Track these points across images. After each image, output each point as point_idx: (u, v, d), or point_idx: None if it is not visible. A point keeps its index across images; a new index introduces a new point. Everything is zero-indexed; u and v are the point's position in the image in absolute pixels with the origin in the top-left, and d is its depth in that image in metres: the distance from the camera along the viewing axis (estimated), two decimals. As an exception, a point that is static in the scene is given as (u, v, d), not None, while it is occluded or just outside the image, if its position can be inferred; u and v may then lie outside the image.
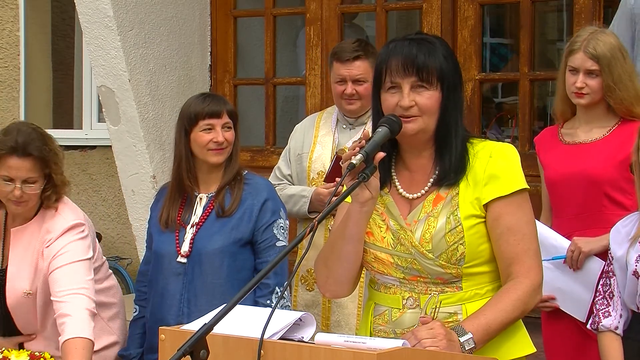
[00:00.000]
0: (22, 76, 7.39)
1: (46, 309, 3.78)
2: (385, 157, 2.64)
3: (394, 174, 2.83)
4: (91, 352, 3.54)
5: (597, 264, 3.90)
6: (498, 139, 6.38)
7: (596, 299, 3.59)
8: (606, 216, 3.93)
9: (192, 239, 3.88)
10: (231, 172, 3.93)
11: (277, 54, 6.27)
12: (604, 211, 3.95)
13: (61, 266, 3.67)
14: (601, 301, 3.54)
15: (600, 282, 3.61)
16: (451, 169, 2.74)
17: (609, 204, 3.95)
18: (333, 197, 2.62)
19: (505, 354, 2.73)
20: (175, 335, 2.44)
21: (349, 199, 2.68)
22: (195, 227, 3.89)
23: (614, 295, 3.51)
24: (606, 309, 3.51)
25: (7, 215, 3.86)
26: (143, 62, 5.84)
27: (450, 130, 2.74)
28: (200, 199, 3.94)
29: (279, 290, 3.83)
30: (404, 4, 6.14)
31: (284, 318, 2.44)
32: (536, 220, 2.86)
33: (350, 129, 4.49)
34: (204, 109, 3.89)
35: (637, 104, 3.95)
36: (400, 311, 2.76)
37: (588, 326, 3.61)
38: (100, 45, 5.77)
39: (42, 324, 3.83)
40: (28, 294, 3.75)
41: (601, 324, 3.49)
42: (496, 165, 2.73)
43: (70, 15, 7.72)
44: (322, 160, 4.49)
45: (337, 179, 4.14)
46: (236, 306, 2.26)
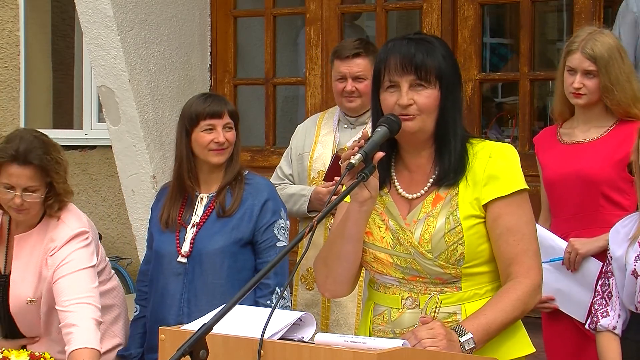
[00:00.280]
0: (22, 76, 7.39)
1: (50, 315, 3.78)
2: (385, 157, 2.64)
3: (393, 174, 2.83)
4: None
5: (594, 265, 3.91)
6: (498, 139, 6.40)
7: (594, 299, 3.59)
8: (603, 216, 3.94)
9: (193, 239, 3.88)
10: (232, 172, 3.93)
11: (277, 54, 6.27)
12: (601, 211, 3.95)
13: (65, 275, 3.66)
14: (599, 301, 3.54)
15: (599, 283, 3.61)
16: (450, 169, 2.74)
17: (606, 203, 3.95)
18: (332, 197, 2.61)
19: (504, 354, 2.73)
20: (175, 335, 2.44)
21: (348, 198, 2.68)
22: (195, 227, 3.90)
23: (612, 295, 3.50)
24: (604, 309, 3.50)
25: (10, 222, 3.85)
26: (143, 62, 5.84)
27: (448, 129, 2.74)
28: (201, 199, 3.94)
29: (279, 290, 3.83)
30: (404, 4, 6.14)
31: (284, 318, 2.44)
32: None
33: (351, 129, 4.50)
34: (205, 109, 3.89)
35: (634, 105, 3.95)
36: (400, 311, 2.76)
37: (586, 326, 3.61)
38: (100, 45, 5.77)
39: (45, 328, 3.83)
40: (31, 301, 3.75)
41: (599, 323, 3.49)
42: (496, 166, 2.73)
43: (70, 15, 7.72)
44: (323, 159, 4.49)
45: (336, 178, 4.15)
46: (236, 306, 2.26)
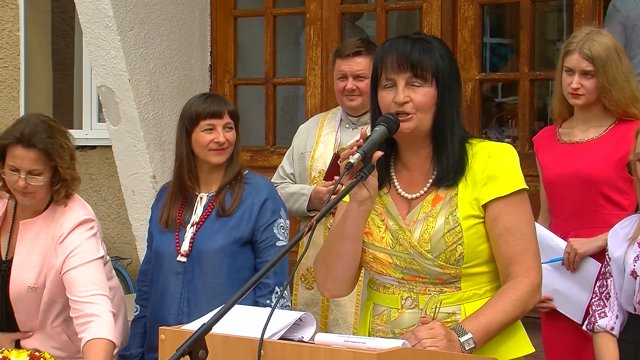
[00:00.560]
0: (22, 76, 7.39)
1: (50, 307, 3.78)
2: (384, 157, 2.64)
3: (393, 174, 2.83)
4: (112, 354, 3.59)
5: (593, 265, 3.91)
6: (498, 139, 6.40)
7: (592, 300, 3.59)
8: (603, 216, 3.94)
9: (192, 238, 3.88)
10: (232, 172, 3.93)
11: (277, 54, 6.27)
12: (600, 211, 3.96)
13: (79, 265, 3.68)
14: (597, 302, 3.54)
15: (597, 284, 3.61)
16: (450, 169, 2.74)
17: (605, 203, 3.95)
18: (332, 196, 2.61)
19: (504, 354, 2.73)
20: (175, 335, 2.44)
21: (347, 198, 2.68)
22: (195, 226, 3.90)
23: (610, 296, 3.50)
24: (602, 309, 3.50)
25: (16, 207, 3.87)
26: (143, 62, 5.84)
27: (446, 128, 2.74)
28: (201, 198, 3.94)
29: (278, 290, 3.83)
30: (404, 4, 6.14)
31: (284, 318, 2.44)
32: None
33: (353, 129, 4.50)
34: (205, 109, 3.90)
35: (633, 105, 3.95)
36: (399, 311, 2.76)
37: (584, 327, 3.61)
38: (100, 45, 5.77)
39: (42, 321, 3.82)
40: (32, 288, 3.75)
41: (597, 324, 3.49)
42: (495, 166, 2.73)
43: (70, 15, 7.72)
44: (324, 159, 4.50)
45: (335, 177, 4.15)
46: (236, 306, 2.26)
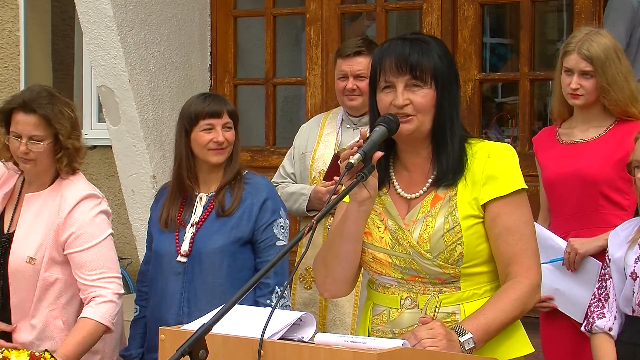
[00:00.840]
0: (22, 76, 7.39)
1: (48, 285, 3.78)
2: (383, 157, 2.64)
3: (392, 174, 2.83)
4: (98, 335, 3.70)
5: (594, 265, 3.91)
6: (498, 139, 6.41)
7: (591, 301, 3.59)
8: (603, 216, 3.94)
9: (192, 238, 3.88)
10: (231, 171, 3.93)
11: (277, 54, 6.27)
12: (600, 211, 3.96)
13: (87, 248, 3.76)
14: (596, 303, 3.54)
15: (597, 285, 3.61)
16: (449, 169, 2.74)
17: (605, 203, 3.95)
18: (332, 196, 2.61)
19: (503, 353, 2.73)
20: (175, 335, 2.44)
21: (347, 198, 2.68)
22: (195, 226, 3.90)
23: (609, 298, 3.51)
24: (601, 310, 3.51)
25: (24, 183, 3.93)
26: (143, 62, 5.84)
27: (445, 129, 2.74)
28: (201, 198, 3.94)
29: (279, 290, 3.83)
30: (404, 4, 6.14)
31: (284, 318, 2.44)
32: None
33: (354, 129, 4.50)
34: (204, 109, 3.90)
35: (632, 105, 3.95)
36: (399, 311, 2.76)
37: (582, 328, 3.61)
38: (100, 45, 5.77)
39: (36, 306, 3.81)
40: (31, 260, 3.77)
41: (595, 324, 3.49)
42: (494, 166, 2.73)
43: (70, 15, 7.72)
44: (325, 159, 4.50)
45: (335, 177, 4.15)
46: (236, 306, 2.26)
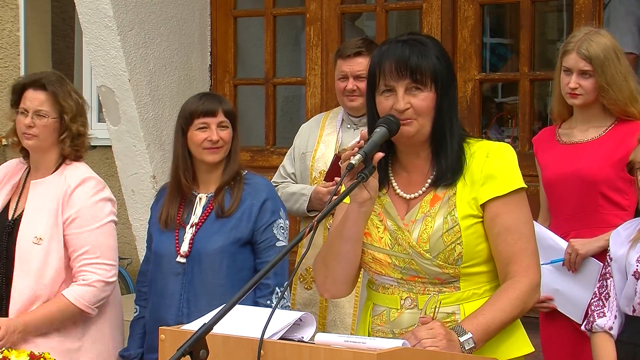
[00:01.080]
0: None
1: (51, 261, 3.83)
2: (382, 158, 2.64)
3: (391, 175, 2.83)
4: (68, 315, 3.81)
5: (595, 266, 3.90)
6: (498, 139, 6.40)
7: (592, 300, 3.59)
8: (602, 216, 3.94)
9: (192, 239, 3.88)
10: (230, 171, 3.93)
11: (277, 54, 6.27)
12: (600, 211, 3.96)
13: (84, 231, 3.86)
14: (596, 302, 3.54)
15: (597, 284, 3.61)
16: (448, 169, 2.74)
17: (605, 203, 3.95)
18: (333, 197, 2.61)
19: (503, 353, 2.73)
20: (175, 335, 2.44)
21: (347, 199, 2.68)
22: (194, 227, 3.89)
23: (610, 297, 3.51)
24: (601, 309, 3.51)
25: (29, 172, 4.03)
26: (143, 62, 5.84)
27: (445, 130, 2.74)
28: (200, 199, 3.94)
29: (279, 291, 3.83)
30: (404, 4, 6.14)
31: (284, 318, 2.44)
32: (534, 222, 2.86)
33: (354, 129, 4.50)
34: (198, 108, 3.91)
35: (632, 104, 3.95)
36: (399, 311, 2.76)
37: (582, 327, 3.61)
38: (100, 45, 5.77)
39: (37, 280, 3.83)
40: (38, 239, 3.84)
41: (595, 323, 3.49)
42: (493, 165, 2.74)
43: (70, 15, 7.72)
44: (325, 159, 4.50)
45: (336, 178, 4.15)
46: (236, 306, 2.26)
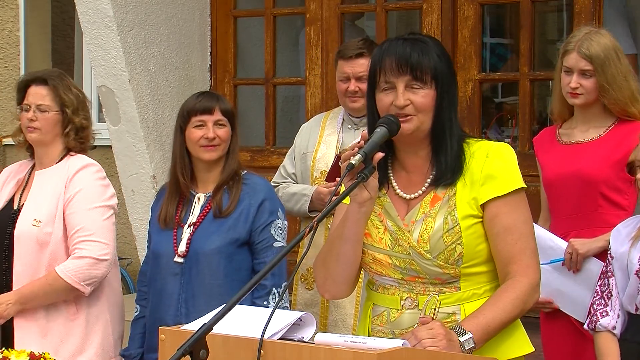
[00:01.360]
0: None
1: (48, 244, 3.91)
2: (382, 158, 2.64)
3: (391, 175, 2.83)
4: (59, 289, 3.87)
5: (596, 265, 3.90)
6: (498, 139, 6.39)
7: (594, 299, 3.59)
8: (602, 216, 3.94)
9: (190, 239, 3.88)
10: (228, 170, 3.92)
11: (277, 54, 6.27)
12: (600, 211, 3.96)
13: (80, 210, 3.94)
14: (599, 301, 3.54)
15: (598, 283, 3.61)
16: (447, 169, 2.74)
17: (604, 203, 3.95)
18: (333, 197, 2.61)
19: (503, 353, 2.73)
20: (175, 335, 2.44)
21: (347, 200, 2.68)
22: (192, 227, 3.89)
23: (612, 296, 3.50)
24: (604, 308, 3.50)
25: (34, 166, 4.13)
26: (143, 62, 5.84)
27: (445, 129, 2.75)
28: (199, 198, 3.94)
29: (275, 291, 3.83)
30: (404, 4, 6.14)
31: (284, 318, 2.44)
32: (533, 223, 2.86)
33: (355, 129, 4.49)
34: (195, 106, 3.92)
35: (632, 104, 3.96)
36: (399, 312, 2.76)
37: (585, 326, 3.61)
38: (100, 45, 5.77)
39: (36, 266, 3.93)
40: (37, 222, 3.92)
41: (599, 323, 3.49)
42: (493, 165, 2.74)
43: (70, 15, 7.72)
44: (326, 159, 4.50)
45: (337, 178, 4.15)
46: (236, 306, 2.26)
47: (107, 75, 5.80)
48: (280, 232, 3.91)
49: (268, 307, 3.71)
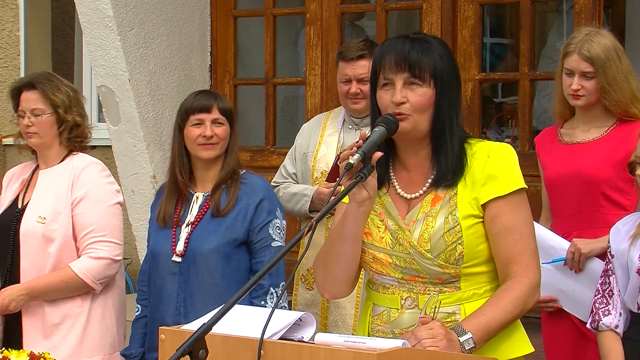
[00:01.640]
0: (22, 76, 7.39)
1: (53, 242, 3.96)
2: (383, 157, 2.64)
3: (392, 174, 2.83)
4: (73, 286, 3.94)
5: (598, 265, 3.90)
6: (498, 139, 6.39)
7: (595, 297, 3.59)
8: (604, 216, 3.94)
9: (187, 238, 3.87)
10: (227, 169, 3.92)
11: (277, 54, 6.27)
12: (601, 211, 3.96)
13: (91, 211, 3.99)
14: (600, 300, 3.54)
15: (600, 281, 3.61)
16: (448, 169, 2.74)
17: (606, 203, 3.95)
18: (332, 197, 2.61)
19: (503, 353, 2.73)
20: (175, 335, 2.44)
21: (346, 199, 2.68)
22: (190, 226, 3.89)
23: (613, 294, 3.50)
24: (606, 307, 3.50)
25: (37, 167, 4.19)
26: (143, 62, 5.84)
27: (445, 129, 2.74)
28: (197, 197, 3.93)
29: (273, 291, 3.82)
30: (404, 4, 6.14)
31: (284, 318, 2.44)
32: (534, 222, 2.86)
33: (355, 130, 4.49)
34: (193, 104, 3.93)
35: (633, 105, 3.96)
36: (399, 311, 2.76)
37: (588, 325, 3.61)
38: (100, 45, 5.77)
39: (41, 264, 3.96)
40: (42, 219, 3.97)
41: (601, 322, 3.48)
42: (494, 166, 2.73)
43: (70, 15, 7.72)
44: (327, 159, 4.49)
45: (338, 178, 4.14)
46: (235, 306, 2.26)
47: (107, 75, 5.81)
48: (279, 231, 3.91)
49: (266, 306, 3.71)
